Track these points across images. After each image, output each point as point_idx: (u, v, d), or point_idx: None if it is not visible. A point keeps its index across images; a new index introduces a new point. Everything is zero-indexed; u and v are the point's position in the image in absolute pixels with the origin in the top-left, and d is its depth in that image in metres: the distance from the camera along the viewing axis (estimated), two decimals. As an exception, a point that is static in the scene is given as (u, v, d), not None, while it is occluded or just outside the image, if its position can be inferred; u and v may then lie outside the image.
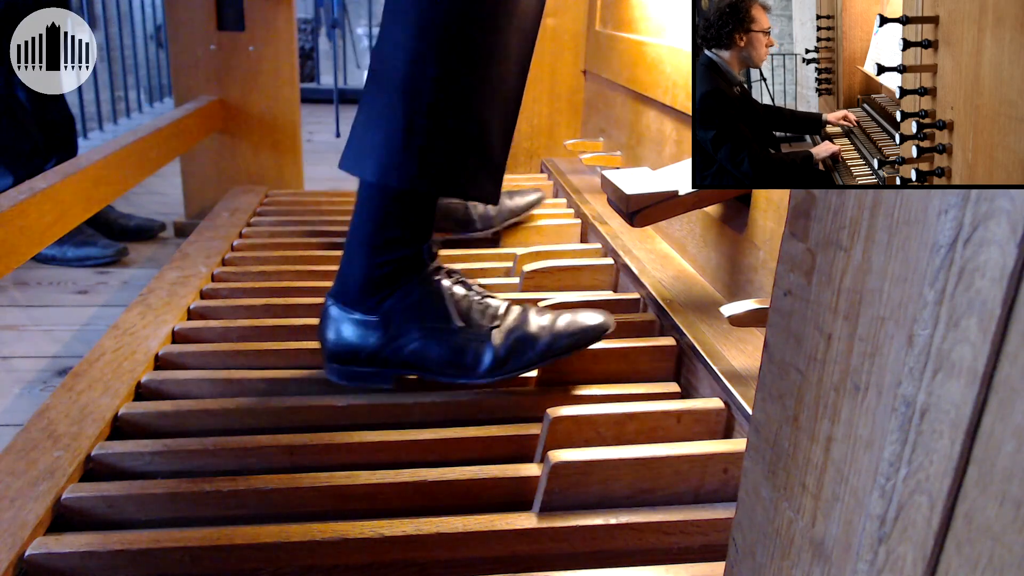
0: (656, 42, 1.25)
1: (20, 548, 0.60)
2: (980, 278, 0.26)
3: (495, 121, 0.76)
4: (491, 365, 0.78)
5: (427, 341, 0.79)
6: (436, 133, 0.73)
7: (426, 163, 0.74)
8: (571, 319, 0.81)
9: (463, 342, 0.78)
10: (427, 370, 0.80)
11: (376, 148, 0.74)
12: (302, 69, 4.33)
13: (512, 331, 0.79)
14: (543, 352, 0.79)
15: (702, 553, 0.66)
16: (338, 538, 0.63)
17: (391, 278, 0.79)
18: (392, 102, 0.73)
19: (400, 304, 0.79)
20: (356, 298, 0.79)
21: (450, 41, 0.72)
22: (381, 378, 0.81)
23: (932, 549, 0.29)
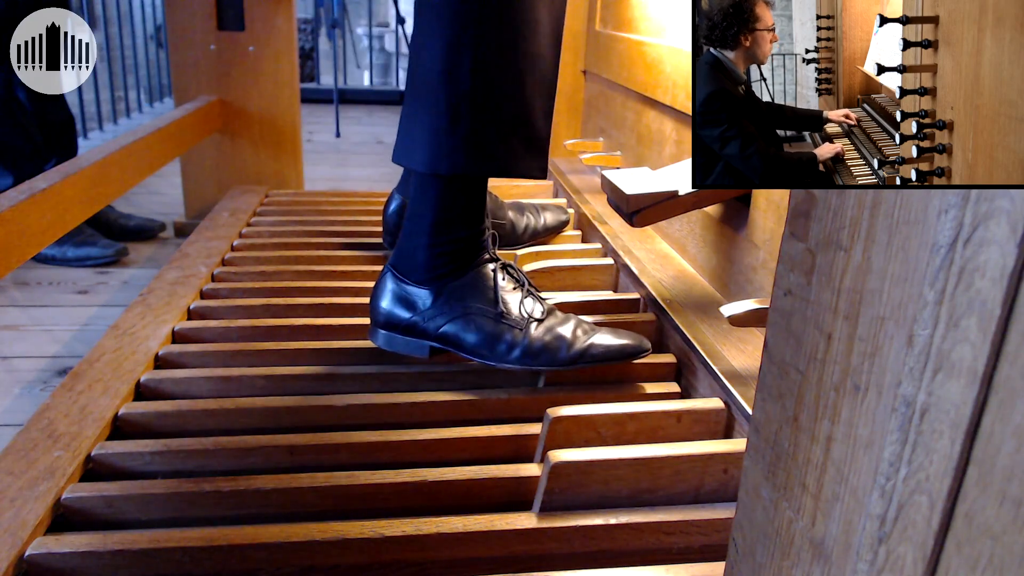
0: (656, 42, 1.25)
1: (20, 548, 0.60)
2: (980, 278, 0.26)
3: (535, 97, 0.80)
4: (521, 355, 0.81)
5: (467, 321, 0.83)
6: (479, 118, 0.77)
7: (472, 148, 0.77)
8: (610, 334, 0.83)
9: (501, 329, 0.82)
10: (461, 348, 0.84)
11: (423, 138, 0.78)
12: (302, 69, 4.33)
13: (551, 329, 0.82)
14: (575, 356, 0.81)
15: (702, 553, 0.66)
16: (338, 538, 0.63)
17: (449, 258, 0.83)
18: (433, 92, 0.76)
19: (452, 283, 0.83)
20: (415, 272, 0.84)
21: (482, 25, 0.74)
22: (418, 348, 0.86)
23: (932, 549, 0.29)
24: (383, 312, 0.86)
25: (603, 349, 0.82)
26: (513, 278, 0.86)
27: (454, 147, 0.77)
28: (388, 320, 0.86)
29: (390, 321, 0.86)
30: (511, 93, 0.78)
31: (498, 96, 0.77)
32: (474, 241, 0.84)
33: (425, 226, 0.82)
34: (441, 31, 0.75)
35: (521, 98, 0.78)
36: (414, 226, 0.84)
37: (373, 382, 0.87)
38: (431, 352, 0.85)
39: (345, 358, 0.91)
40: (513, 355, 0.81)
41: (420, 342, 0.85)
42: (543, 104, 0.82)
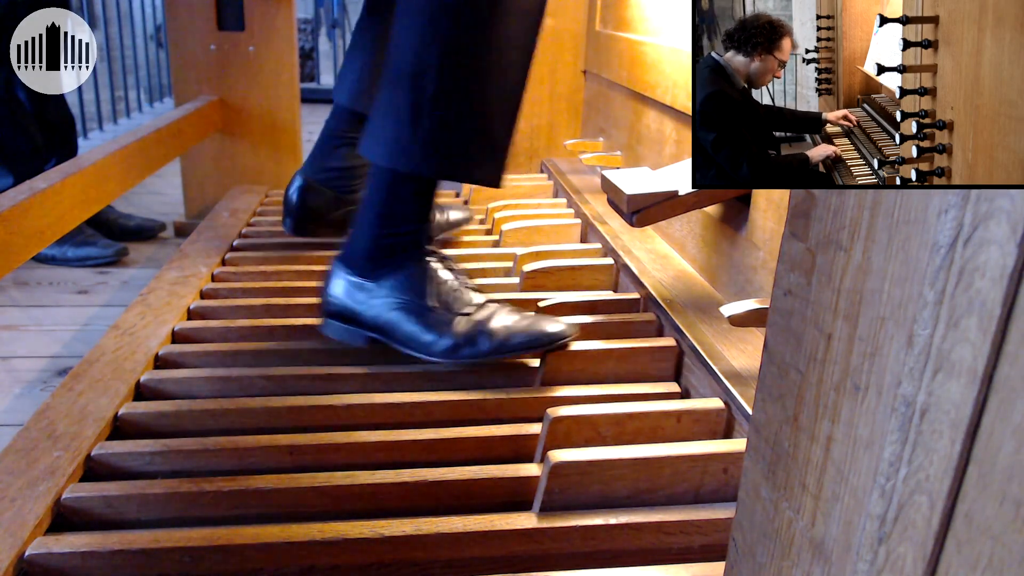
0: (656, 42, 1.25)
1: (20, 548, 0.60)
2: (980, 278, 0.26)
3: (498, 108, 0.82)
4: (447, 348, 0.84)
5: (401, 313, 0.86)
6: (441, 121, 0.79)
7: (431, 150, 0.80)
8: (532, 322, 0.86)
9: (430, 322, 0.85)
10: (393, 339, 0.87)
11: (386, 135, 0.81)
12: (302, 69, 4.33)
13: (477, 323, 0.85)
14: (497, 347, 0.84)
15: (702, 553, 0.66)
16: (338, 538, 0.63)
17: (392, 250, 0.86)
18: (400, 91, 0.79)
19: (392, 276, 0.86)
20: (358, 263, 0.87)
21: (453, 33, 0.77)
22: (355, 336, 0.89)
23: (932, 549, 0.29)
24: (327, 300, 0.90)
25: (524, 337, 0.84)
26: (450, 271, 0.89)
27: (414, 146, 0.80)
28: (329, 308, 0.90)
29: (331, 309, 0.90)
30: (475, 101, 0.80)
31: (461, 102, 0.79)
32: (416, 236, 0.87)
33: (373, 218, 0.86)
34: (414, 32, 0.78)
35: (485, 107, 0.81)
36: (363, 218, 0.87)
37: (373, 382, 0.87)
38: (368, 341, 0.89)
39: (345, 358, 0.91)
40: (438, 347, 0.84)
41: (358, 331, 0.89)
42: (506, 116, 0.83)
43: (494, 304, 0.88)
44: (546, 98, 1.75)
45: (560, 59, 1.73)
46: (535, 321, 0.86)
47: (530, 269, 1.10)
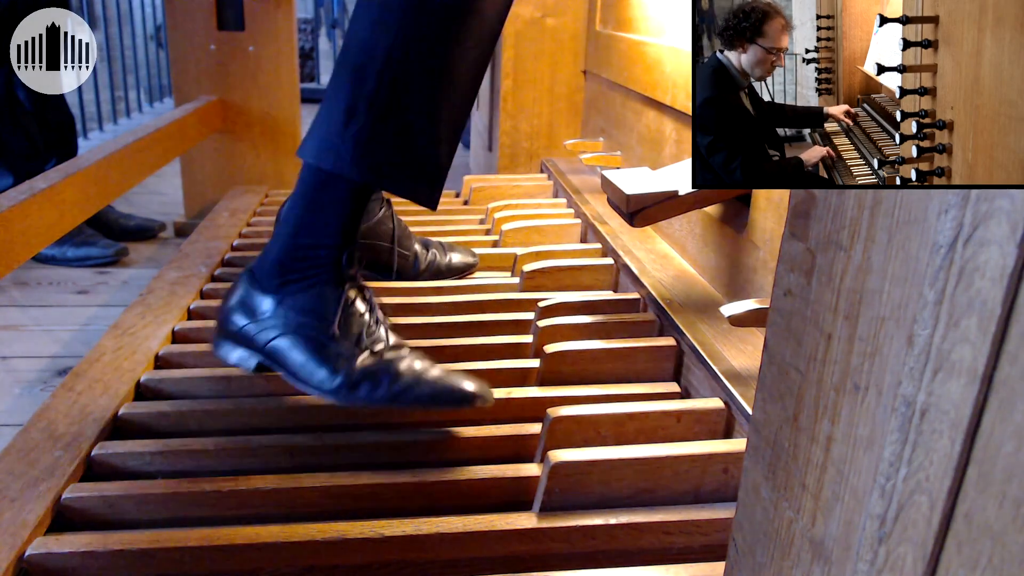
0: (656, 42, 1.25)
1: (20, 548, 0.60)
2: (980, 278, 0.26)
3: (442, 121, 0.74)
4: (340, 384, 0.73)
5: (297, 338, 0.75)
6: (377, 121, 0.72)
7: (362, 151, 0.72)
8: (444, 375, 0.74)
9: (328, 353, 0.74)
10: (284, 367, 0.76)
11: (318, 130, 0.74)
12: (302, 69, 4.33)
13: (380, 362, 0.74)
14: (397, 393, 0.72)
15: (702, 553, 0.66)
16: (338, 538, 0.63)
17: (301, 264, 0.76)
18: (340, 85, 0.73)
19: (296, 295, 0.76)
20: (264, 275, 0.77)
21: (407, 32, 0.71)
22: (243, 359, 0.78)
23: (932, 549, 0.29)
24: (222, 314, 0.79)
25: (430, 390, 0.72)
26: (367, 304, 0.78)
27: (343, 144, 0.72)
28: (223, 323, 0.79)
29: (223, 325, 0.79)
30: (419, 107, 0.73)
31: (401, 107, 0.72)
32: (333, 256, 0.76)
33: (291, 224, 0.76)
34: (367, 24, 0.72)
35: (426, 118, 0.73)
36: (279, 225, 0.78)
37: (373, 382, 0.87)
38: (257, 368, 0.77)
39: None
40: (331, 383, 0.73)
41: (247, 353, 0.78)
42: (449, 132, 0.76)
43: (407, 349, 0.77)
44: (546, 98, 1.75)
45: (560, 59, 1.73)
46: (448, 375, 0.74)
47: (530, 269, 1.10)
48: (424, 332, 0.99)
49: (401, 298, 1.06)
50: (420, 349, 0.89)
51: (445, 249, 1.18)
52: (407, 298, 1.06)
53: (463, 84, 0.75)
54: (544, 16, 1.68)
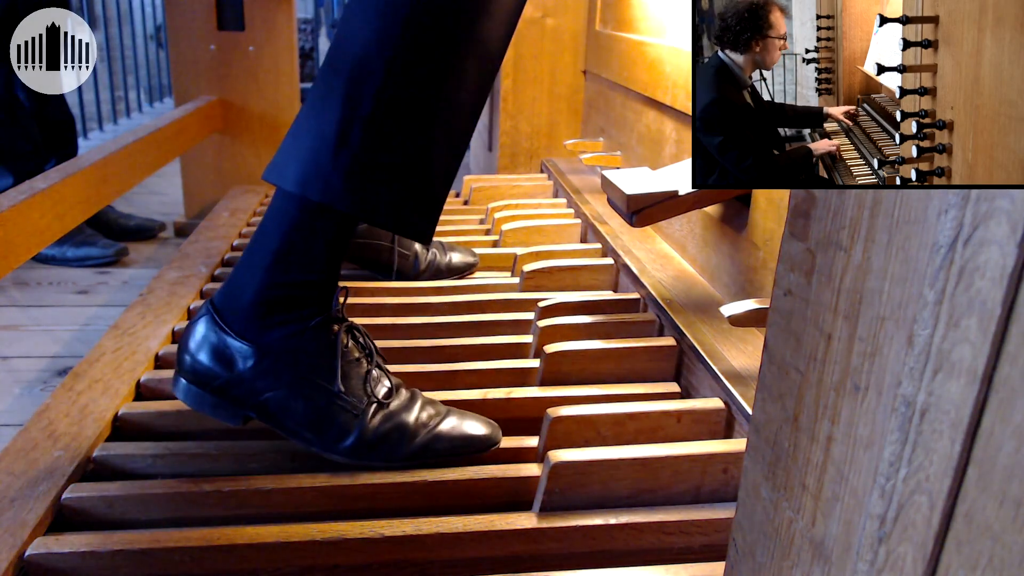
0: (656, 42, 1.25)
1: (20, 548, 0.60)
2: (980, 278, 0.26)
3: (440, 151, 0.68)
4: (354, 445, 0.69)
5: (295, 393, 0.69)
6: (370, 149, 0.65)
7: (354, 181, 0.65)
8: (456, 423, 0.72)
9: (334, 410, 0.69)
10: (282, 426, 0.70)
11: (301, 155, 0.65)
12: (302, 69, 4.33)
13: (391, 417, 0.71)
14: (416, 451, 0.70)
15: (702, 553, 0.66)
16: (338, 538, 0.63)
17: (285, 305, 0.69)
18: (329, 104, 0.65)
19: (285, 343, 0.69)
20: (238, 318, 0.69)
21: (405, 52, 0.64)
22: (228, 414, 0.71)
23: (932, 549, 0.29)
24: (191, 361, 0.70)
25: (448, 443, 0.71)
26: (359, 345, 0.73)
27: (334, 172, 0.65)
28: (196, 373, 0.70)
29: (198, 375, 0.70)
30: (415, 134, 0.66)
31: (398, 133, 0.65)
32: (319, 291, 0.70)
33: (265, 256, 0.68)
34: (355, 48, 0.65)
35: (424, 144, 0.67)
36: (252, 256, 0.69)
37: (373, 382, 0.87)
38: (245, 421, 0.72)
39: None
40: (344, 444, 0.69)
41: (232, 408, 0.70)
42: (447, 161, 0.69)
43: (407, 392, 0.74)
44: (546, 98, 1.75)
45: (560, 59, 1.73)
46: (459, 424, 0.72)
47: (530, 269, 1.10)
48: (424, 332, 0.98)
49: (401, 298, 1.06)
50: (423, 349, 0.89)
51: (445, 249, 1.18)
52: (407, 298, 1.06)
53: (464, 112, 0.69)
54: (544, 16, 1.69)
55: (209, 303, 0.71)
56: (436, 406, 0.74)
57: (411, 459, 0.70)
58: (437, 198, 0.70)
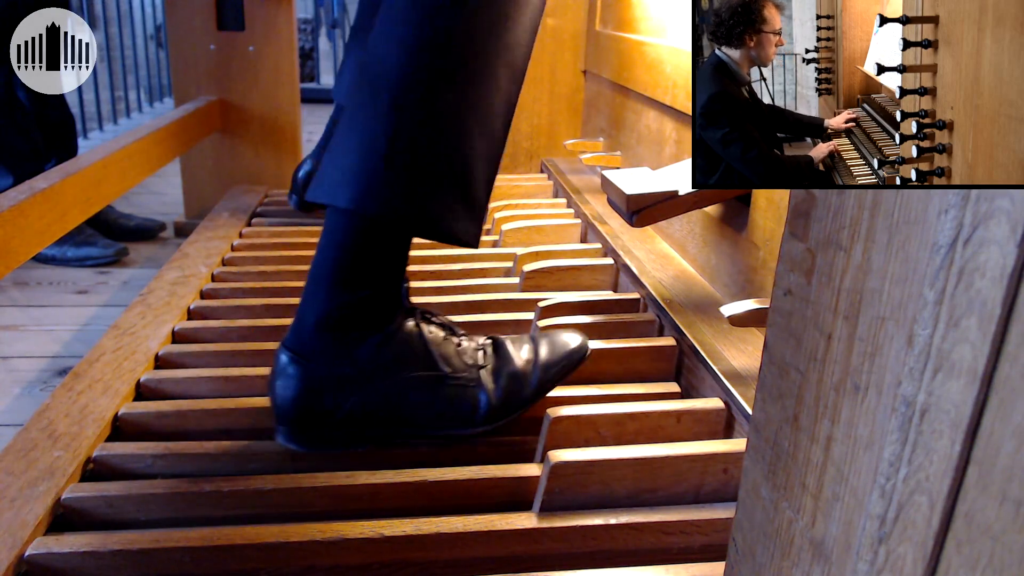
0: (656, 42, 1.25)
1: (20, 548, 0.60)
2: (980, 278, 0.26)
3: (480, 158, 0.70)
4: (487, 411, 0.73)
5: (413, 393, 0.72)
6: (419, 161, 0.67)
7: (407, 193, 0.67)
8: (550, 345, 0.77)
9: (454, 391, 0.72)
10: (416, 425, 0.73)
11: (352, 173, 0.66)
12: (302, 69, 4.33)
13: (499, 371, 0.75)
14: (537, 388, 0.75)
15: (702, 553, 0.66)
16: (338, 538, 0.63)
17: (360, 320, 0.70)
18: (374, 122, 0.66)
19: (376, 353, 0.70)
20: (323, 346, 0.70)
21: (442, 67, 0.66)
22: (356, 440, 0.72)
23: (932, 549, 0.29)
24: (296, 410, 0.70)
25: (557, 368, 0.77)
26: (438, 324, 0.76)
27: (387, 186, 0.66)
28: (307, 419, 0.71)
29: (309, 419, 0.71)
30: (457, 144, 0.68)
31: (443, 144, 0.67)
32: (388, 298, 0.71)
33: (330, 280, 0.69)
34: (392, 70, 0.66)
35: (466, 153, 0.68)
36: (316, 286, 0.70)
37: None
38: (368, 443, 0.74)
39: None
40: (479, 416, 0.73)
41: (358, 432, 0.72)
42: (487, 168, 0.71)
43: (490, 340, 0.77)
44: (546, 98, 1.75)
45: (560, 59, 1.73)
46: (551, 343, 0.77)
47: (530, 269, 1.10)
48: (424, 332, 0.98)
49: (401, 298, 1.06)
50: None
51: None
52: (407, 298, 1.06)
53: (498, 118, 0.71)
54: (544, 16, 1.68)
55: (285, 348, 0.71)
56: (518, 340, 0.78)
57: (536, 397, 0.76)
58: (482, 203, 0.72)
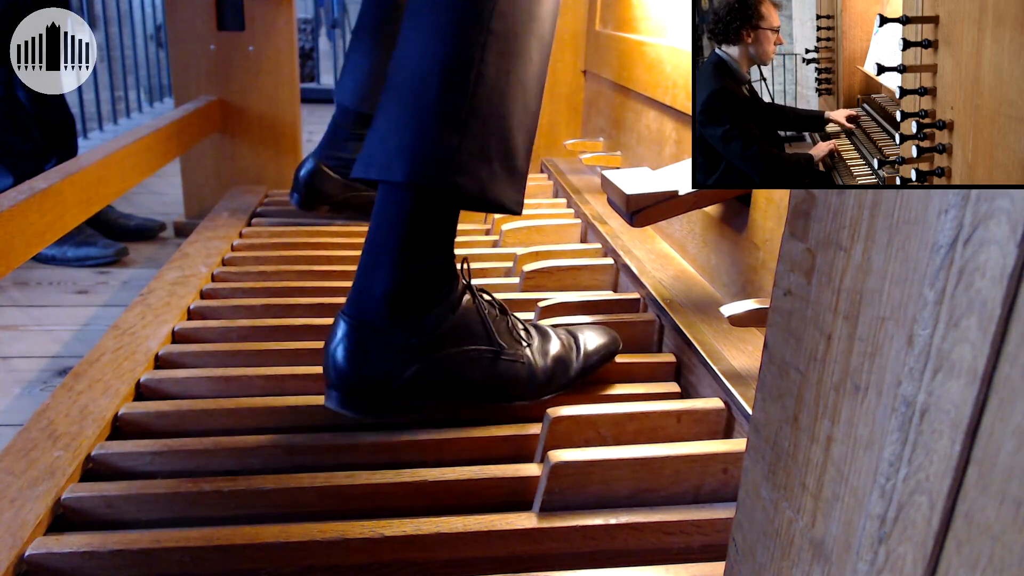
0: (656, 42, 1.25)
1: (20, 548, 0.60)
2: (980, 278, 0.26)
3: (520, 129, 0.75)
4: (534, 388, 0.79)
5: (470, 365, 0.75)
6: (471, 134, 0.71)
7: (462, 165, 0.70)
8: (588, 338, 0.84)
9: (505, 366, 0.77)
10: (468, 397, 0.77)
11: (404, 149, 0.70)
12: (302, 69, 4.33)
13: (546, 353, 0.80)
14: (578, 372, 0.81)
15: (702, 553, 0.66)
16: (338, 538, 0.63)
17: (428, 289, 0.73)
18: (425, 101, 0.70)
19: (442, 324, 0.74)
20: (387, 315, 0.72)
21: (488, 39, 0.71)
22: (406, 410, 0.74)
23: (932, 549, 0.29)
24: (357, 377, 0.72)
25: (596, 356, 0.83)
26: (491, 303, 0.80)
27: (442, 159, 0.70)
28: (365, 386, 0.72)
29: (367, 387, 0.72)
30: (501, 117, 0.72)
31: (491, 115, 0.72)
32: (449, 267, 0.75)
33: (392, 253, 0.72)
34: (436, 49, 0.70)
35: (509, 125, 0.73)
36: (375, 258, 0.73)
37: (373, 382, 0.87)
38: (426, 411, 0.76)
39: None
40: (527, 389, 0.79)
41: (405, 401, 0.74)
42: (525, 137, 0.76)
43: (541, 328, 0.83)
44: (546, 98, 1.74)
45: (560, 59, 1.73)
46: (590, 336, 0.84)
47: (530, 269, 1.10)
48: (424, 332, 0.98)
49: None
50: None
51: None
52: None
53: (533, 91, 0.76)
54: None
55: (344, 315, 0.73)
56: (558, 330, 0.84)
57: (575, 381, 0.82)
58: (523, 171, 0.77)
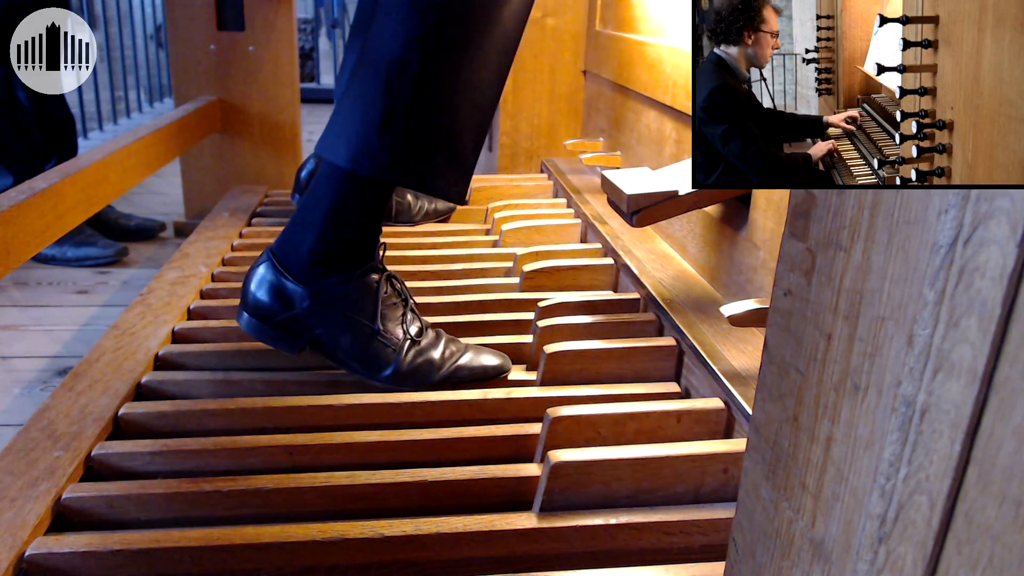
0: (656, 42, 1.25)
1: (20, 548, 0.60)
2: (980, 278, 0.26)
3: (469, 125, 0.80)
4: (392, 375, 0.84)
5: (343, 330, 0.83)
6: (411, 128, 0.77)
7: (399, 156, 0.77)
8: (473, 357, 0.87)
9: (376, 346, 0.83)
10: (333, 356, 0.84)
11: (350, 137, 0.77)
12: (302, 69, 4.33)
13: (422, 352, 0.85)
14: (442, 380, 0.85)
15: (702, 553, 0.66)
16: (338, 538, 0.63)
17: (336, 257, 0.82)
18: (372, 94, 0.76)
19: (335, 288, 0.82)
20: (297, 265, 0.83)
21: (434, 44, 0.75)
22: (287, 344, 0.85)
23: (932, 549, 0.29)
24: (254, 300, 0.84)
25: (468, 372, 0.86)
26: (396, 292, 0.86)
27: (382, 151, 0.77)
28: (258, 310, 0.84)
29: (260, 311, 0.84)
30: (447, 114, 0.78)
31: (434, 113, 0.77)
32: (365, 245, 0.84)
33: (319, 218, 0.81)
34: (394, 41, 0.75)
35: (455, 121, 0.79)
36: (306, 215, 0.82)
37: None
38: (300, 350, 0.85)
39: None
40: (384, 374, 0.84)
41: (290, 340, 0.84)
42: (475, 133, 0.82)
43: (434, 332, 0.88)
44: (546, 98, 1.75)
45: (560, 59, 1.73)
46: (475, 356, 0.87)
47: (530, 269, 1.10)
48: (424, 332, 0.98)
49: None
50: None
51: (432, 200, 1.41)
52: (407, 298, 1.06)
53: (486, 90, 0.80)
54: (544, 16, 1.68)
55: (269, 252, 0.85)
56: (457, 344, 0.88)
57: (437, 386, 0.85)
58: (468, 165, 0.83)
